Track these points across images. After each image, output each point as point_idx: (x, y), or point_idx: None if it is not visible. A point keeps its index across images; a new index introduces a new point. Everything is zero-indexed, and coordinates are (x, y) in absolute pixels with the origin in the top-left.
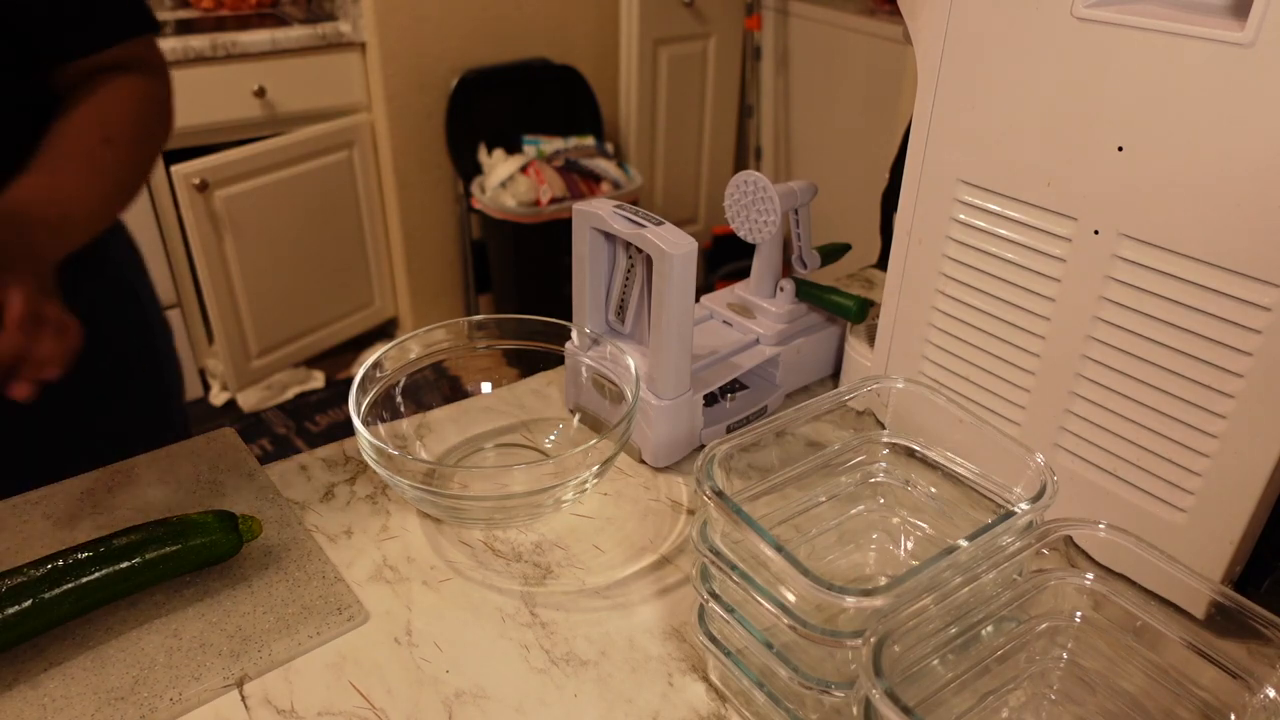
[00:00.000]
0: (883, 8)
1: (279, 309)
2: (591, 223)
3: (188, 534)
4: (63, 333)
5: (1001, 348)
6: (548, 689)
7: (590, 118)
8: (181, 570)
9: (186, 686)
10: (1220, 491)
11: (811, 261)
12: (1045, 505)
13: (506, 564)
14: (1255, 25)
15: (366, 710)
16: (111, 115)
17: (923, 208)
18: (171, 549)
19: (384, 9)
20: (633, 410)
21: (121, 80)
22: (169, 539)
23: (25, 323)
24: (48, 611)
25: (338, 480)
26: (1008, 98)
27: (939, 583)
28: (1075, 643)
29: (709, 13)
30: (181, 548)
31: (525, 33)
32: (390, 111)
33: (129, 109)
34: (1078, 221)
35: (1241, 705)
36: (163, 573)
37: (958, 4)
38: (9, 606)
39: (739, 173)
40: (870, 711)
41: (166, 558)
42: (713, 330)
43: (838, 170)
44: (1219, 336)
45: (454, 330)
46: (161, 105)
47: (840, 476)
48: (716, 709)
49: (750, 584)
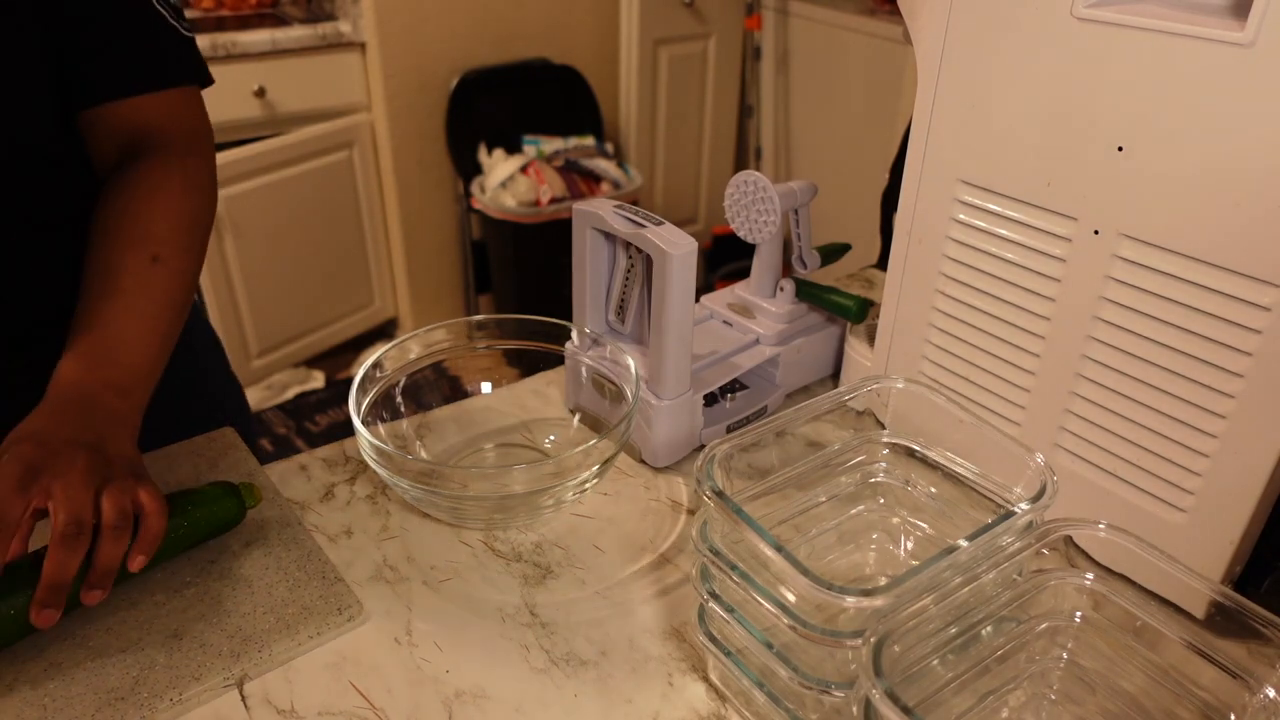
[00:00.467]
0: (883, 8)
1: (279, 309)
2: (591, 223)
3: (194, 504)
4: (125, 529)
5: (1001, 348)
6: (548, 689)
7: (590, 118)
8: (193, 540)
9: (187, 686)
10: (1220, 491)
11: (811, 261)
12: (1045, 505)
13: (506, 564)
14: (1255, 25)
15: (366, 710)
16: (157, 227)
17: (923, 208)
18: (180, 520)
19: (384, 9)
20: (633, 410)
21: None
22: (176, 511)
23: (66, 537)
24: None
25: (338, 480)
26: (1008, 98)
27: (939, 583)
28: (1075, 643)
29: (709, 13)
30: (190, 518)
31: (525, 33)
32: (390, 111)
33: (175, 213)
34: (1078, 221)
35: (1241, 705)
36: (174, 544)
37: (958, 4)
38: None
39: (739, 173)
40: (870, 711)
41: (176, 529)
42: (713, 330)
43: (838, 170)
44: (1219, 336)
45: (454, 330)
46: (204, 192)
47: (840, 476)
48: (716, 709)
49: (750, 584)
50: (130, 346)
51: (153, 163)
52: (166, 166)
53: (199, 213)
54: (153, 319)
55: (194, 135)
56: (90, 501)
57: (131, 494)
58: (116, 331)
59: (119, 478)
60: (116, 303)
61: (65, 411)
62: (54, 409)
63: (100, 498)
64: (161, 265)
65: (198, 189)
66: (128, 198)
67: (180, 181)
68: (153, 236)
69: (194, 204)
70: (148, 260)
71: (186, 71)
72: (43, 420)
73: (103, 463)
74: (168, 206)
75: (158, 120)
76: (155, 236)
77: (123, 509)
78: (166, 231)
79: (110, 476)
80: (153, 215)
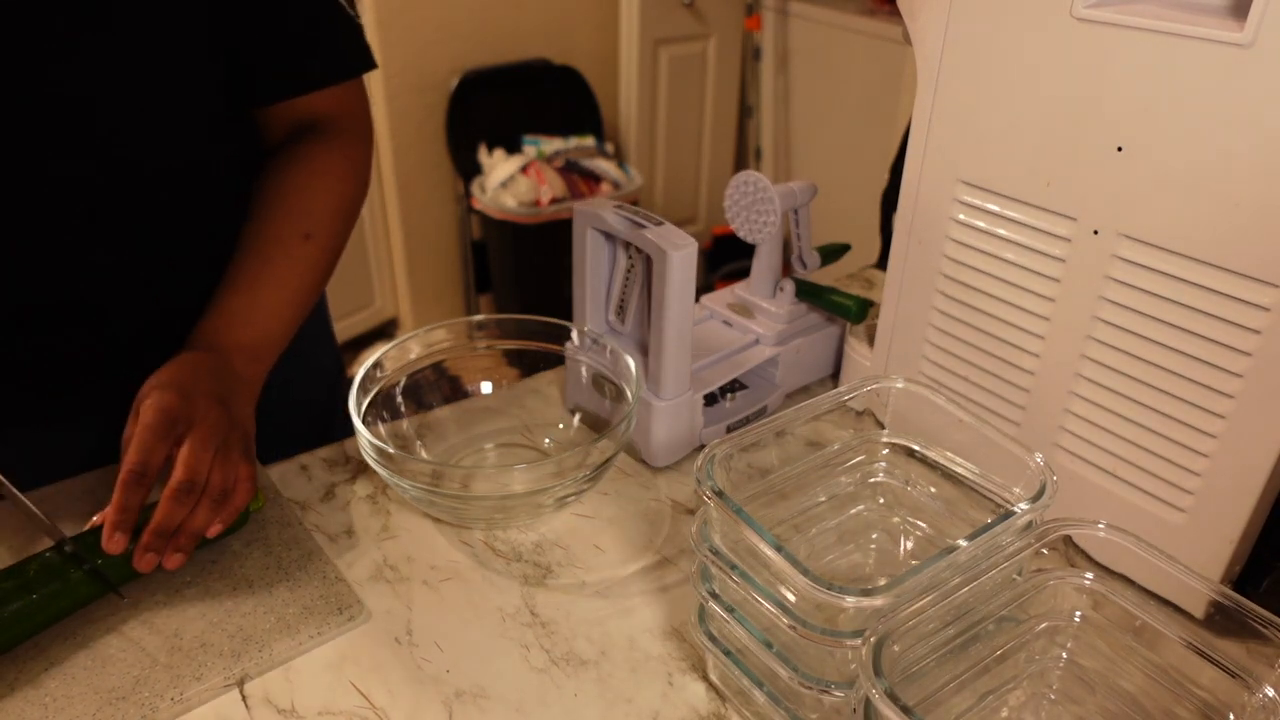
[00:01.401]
0: (883, 8)
1: None
2: (591, 223)
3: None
4: (223, 501)
5: (1001, 348)
6: (548, 689)
7: (590, 118)
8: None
9: (188, 686)
10: (1219, 491)
11: (811, 261)
12: (1045, 505)
13: (506, 564)
14: (1255, 25)
15: (367, 710)
16: (315, 206)
17: (923, 208)
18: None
19: (384, 9)
20: (633, 410)
21: (325, 157)
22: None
23: (180, 492)
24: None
25: (338, 480)
26: (1008, 98)
27: (939, 583)
28: (1075, 642)
29: (709, 13)
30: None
31: (525, 33)
32: (390, 111)
33: (334, 195)
34: (1077, 222)
35: (1241, 705)
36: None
37: (958, 4)
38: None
39: (739, 173)
40: (870, 711)
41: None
42: (713, 330)
43: (838, 170)
44: (1218, 336)
45: (454, 330)
46: (361, 179)
47: (840, 476)
48: (716, 709)
49: (750, 584)
50: (268, 314)
51: (318, 146)
52: (330, 150)
53: (354, 198)
54: (293, 292)
55: (358, 121)
56: (209, 461)
57: (236, 466)
58: (258, 298)
59: (234, 445)
60: (264, 271)
61: (205, 365)
62: (197, 361)
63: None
64: (312, 242)
65: (355, 175)
66: (292, 176)
67: (341, 166)
68: (309, 214)
69: (351, 189)
70: (300, 236)
71: (359, 61)
72: (181, 370)
73: (228, 423)
74: (328, 188)
75: (327, 108)
76: (312, 215)
77: (226, 481)
78: (322, 212)
79: (229, 440)
80: (313, 195)
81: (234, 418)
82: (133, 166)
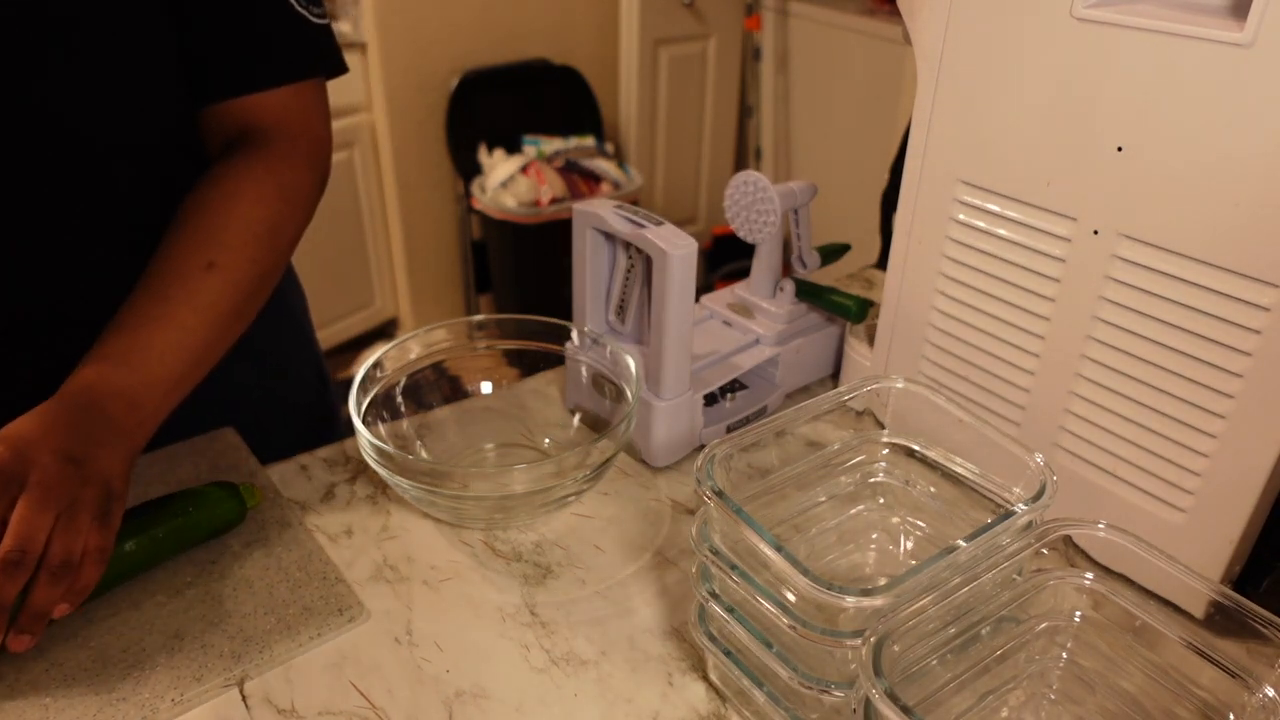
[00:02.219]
0: (883, 8)
1: None
2: (591, 223)
3: (194, 505)
4: (63, 573)
5: (1001, 348)
6: (548, 689)
7: (590, 118)
8: (194, 541)
9: (188, 687)
10: (1219, 491)
11: (811, 261)
12: (1045, 505)
13: (506, 564)
14: (1255, 25)
15: (367, 710)
16: (223, 231)
17: (923, 208)
18: (180, 520)
19: (384, 9)
20: (633, 410)
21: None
22: (176, 511)
23: (8, 564)
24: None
25: (338, 480)
26: (1008, 98)
27: (938, 583)
28: (1074, 642)
29: (709, 13)
30: (190, 518)
31: (525, 33)
32: (390, 111)
33: (250, 219)
34: (1077, 222)
35: (1240, 705)
36: (175, 545)
37: (958, 4)
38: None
39: (739, 173)
40: (870, 711)
41: (178, 529)
42: (713, 330)
43: (838, 170)
44: (1218, 336)
45: (454, 330)
46: (291, 202)
47: (840, 476)
48: (716, 709)
49: (750, 584)
50: (157, 356)
51: (239, 163)
52: (251, 168)
53: (278, 222)
54: (191, 331)
55: (298, 137)
56: (46, 528)
57: (82, 535)
58: (146, 338)
59: (83, 509)
60: (156, 308)
61: (61, 416)
62: (53, 412)
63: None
64: (216, 273)
65: (281, 198)
66: (202, 196)
67: (262, 188)
68: (214, 241)
69: (272, 212)
70: (203, 266)
71: (299, 66)
72: (34, 423)
73: (76, 483)
74: (243, 212)
75: (261, 118)
76: (219, 242)
77: (68, 552)
78: (233, 238)
79: (77, 503)
80: (225, 220)
81: (88, 475)
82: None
